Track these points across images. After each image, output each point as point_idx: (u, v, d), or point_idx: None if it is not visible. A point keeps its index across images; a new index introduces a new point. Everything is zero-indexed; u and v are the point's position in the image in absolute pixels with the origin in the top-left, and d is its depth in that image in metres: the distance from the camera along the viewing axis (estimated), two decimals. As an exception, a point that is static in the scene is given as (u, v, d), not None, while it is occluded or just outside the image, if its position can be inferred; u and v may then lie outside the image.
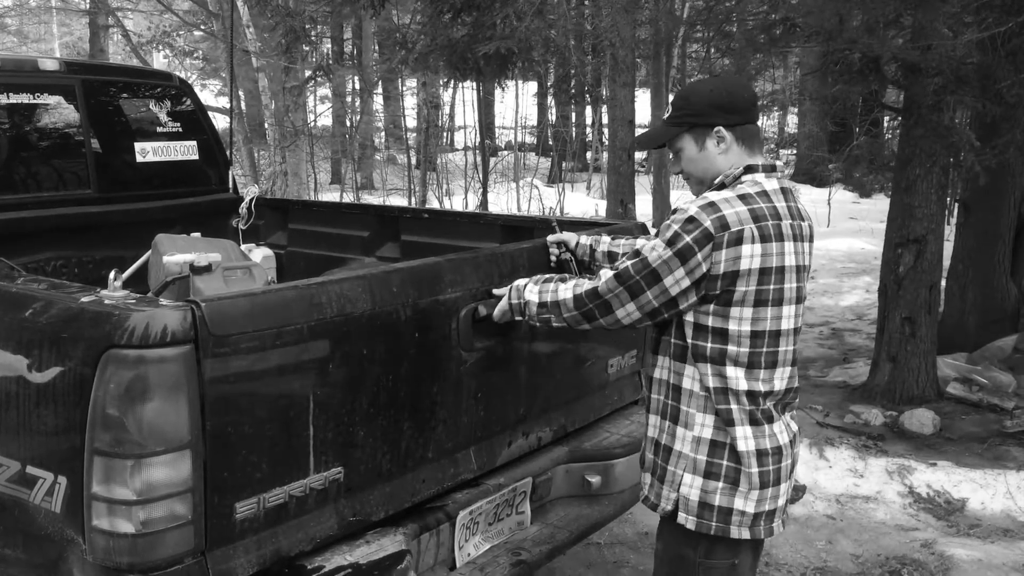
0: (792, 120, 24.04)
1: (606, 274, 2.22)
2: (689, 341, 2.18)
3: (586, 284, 2.26)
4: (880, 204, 12.34)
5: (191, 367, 1.94)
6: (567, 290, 2.29)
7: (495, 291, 2.60)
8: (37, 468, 2.04)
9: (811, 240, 2.30)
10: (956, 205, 7.77)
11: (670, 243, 2.10)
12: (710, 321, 2.15)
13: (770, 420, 2.21)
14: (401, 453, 2.47)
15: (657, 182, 14.35)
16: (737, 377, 2.16)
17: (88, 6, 18.58)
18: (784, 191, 2.24)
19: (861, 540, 4.21)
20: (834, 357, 7.24)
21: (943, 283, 6.57)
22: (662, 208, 10.90)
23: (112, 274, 2.23)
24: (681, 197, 16.44)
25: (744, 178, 2.20)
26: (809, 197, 14.71)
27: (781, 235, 2.14)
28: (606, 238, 2.86)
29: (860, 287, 9.73)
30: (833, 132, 16.53)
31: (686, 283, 2.10)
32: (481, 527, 2.77)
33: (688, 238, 2.07)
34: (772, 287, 2.13)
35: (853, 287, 9.79)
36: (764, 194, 2.17)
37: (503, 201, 14.60)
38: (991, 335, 6.68)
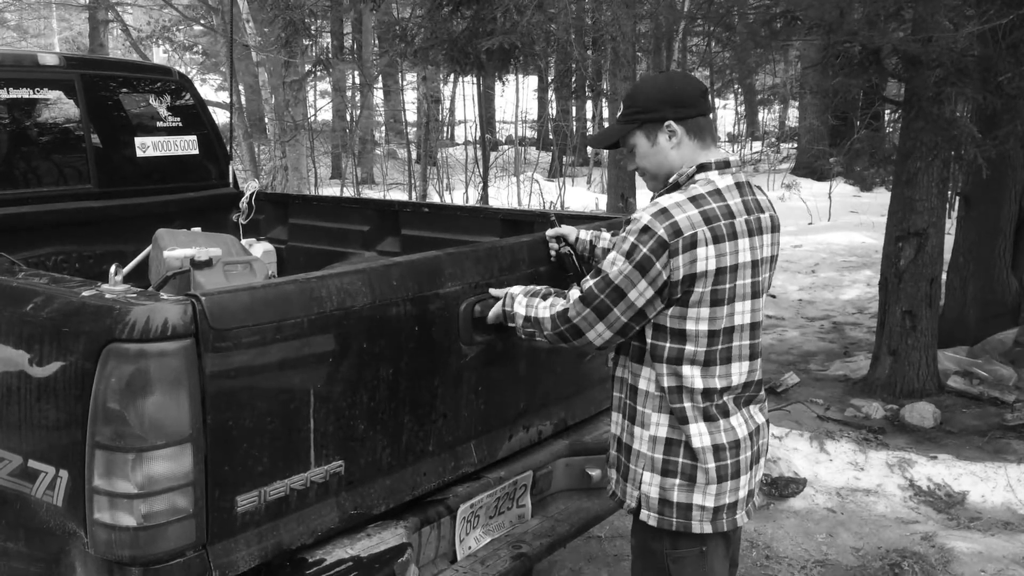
0: (793, 114, 24.03)
1: (574, 294, 2.24)
2: (648, 342, 2.22)
3: (559, 304, 2.28)
4: (881, 198, 12.34)
5: (192, 361, 1.94)
6: (545, 309, 2.32)
7: (492, 291, 2.60)
8: (39, 462, 2.04)
9: (774, 230, 2.31)
10: (957, 198, 7.77)
11: (628, 256, 2.13)
12: (668, 322, 2.18)
13: (726, 415, 2.24)
14: (402, 447, 2.48)
15: (658, 176, 14.34)
16: (693, 376, 2.20)
17: (88, 1, 18.56)
18: (739, 186, 2.26)
19: (862, 533, 4.21)
20: (835, 351, 7.25)
21: (944, 276, 6.57)
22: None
23: (113, 268, 2.23)
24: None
25: (697, 177, 2.22)
26: (810, 191, 14.72)
27: (734, 234, 2.17)
28: (606, 234, 2.86)
29: (861, 281, 9.73)
30: (834, 126, 16.53)
31: (650, 293, 2.13)
32: (482, 520, 2.77)
33: (645, 248, 2.11)
34: (727, 286, 2.17)
35: (854, 281, 9.79)
36: (717, 193, 2.19)
37: (503, 195, 14.60)
38: (992, 328, 6.69)
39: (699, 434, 2.21)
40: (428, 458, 2.58)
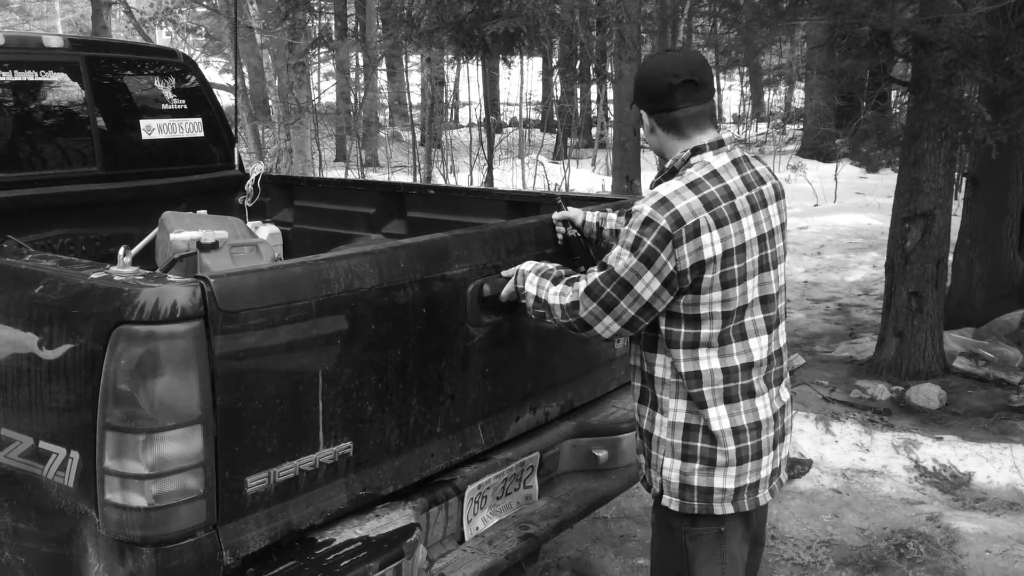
0: (799, 95, 23.90)
1: (581, 286, 2.25)
2: (663, 328, 2.22)
3: (568, 294, 2.28)
4: (887, 179, 12.30)
5: (201, 343, 1.94)
6: (556, 295, 2.32)
7: (504, 272, 2.61)
8: (50, 443, 2.05)
9: (778, 198, 2.33)
10: (964, 179, 7.73)
11: (633, 249, 2.14)
12: (682, 309, 2.19)
13: (750, 395, 2.25)
14: (410, 428, 2.49)
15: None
16: (710, 357, 2.21)
17: (90, -17, 18.45)
18: (736, 163, 2.25)
19: (867, 514, 4.23)
20: (840, 332, 7.25)
21: (950, 258, 6.55)
22: (668, 184, 10.84)
23: (121, 251, 2.23)
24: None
25: (692, 160, 2.23)
26: (816, 172, 14.67)
27: (736, 214, 2.17)
28: (612, 215, 2.85)
29: (867, 262, 9.71)
30: (840, 107, 16.42)
31: (656, 285, 2.13)
32: (489, 501, 2.79)
33: (649, 241, 2.11)
34: (736, 266, 2.17)
35: (860, 262, 9.77)
36: (714, 175, 2.19)
37: (508, 178, 14.56)
38: (998, 310, 6.67)
39: (718, 417, 2.22)
40: (436, 439, 2.59)
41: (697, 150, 2.23)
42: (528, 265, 2.48)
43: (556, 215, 2.92)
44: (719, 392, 2.22)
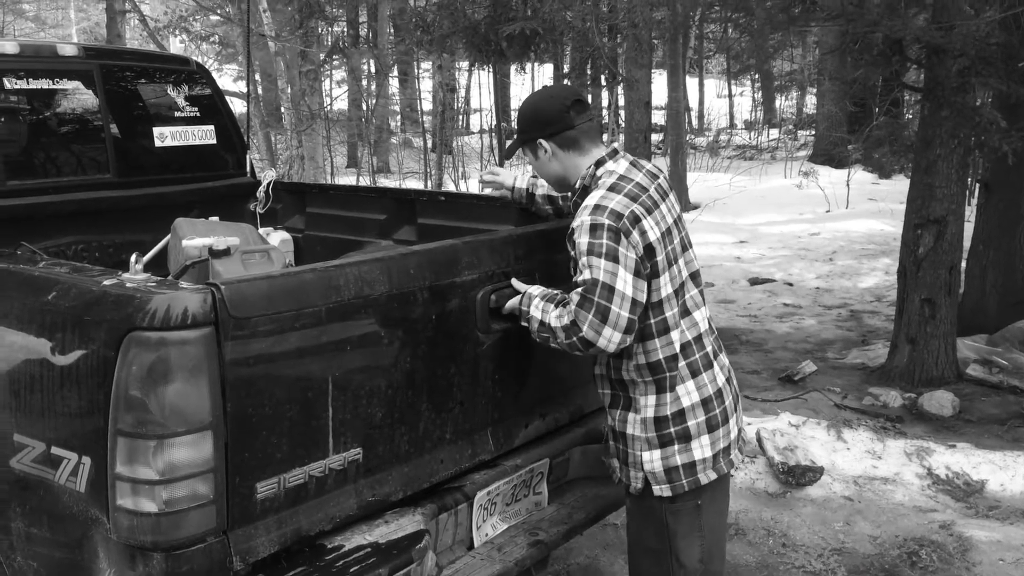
0: (811, 100, 23.83)
1: (573, 303, 2.31)
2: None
3: (565, 315, 2.35)
4: (900, 185, 12.25)
5: (212, 349, 1.96)
6: (557, 318, 2.38)
7: (514, 282, 2.63)
8: (62, 449, 2.07)
9: (671, 190, 2.54)
10: (977, 185, 7.70)
11: (593, 254, 2.26)
12: (649, 298, 2.34)
13: (708, 366, 2.46)
14: (419, 434, 2.49)
15: (674, 164, 14.29)
16: (678, 339, 2.40)
17: (105, -9, 18.61)
18: (634, 164, 2.48)
19: (879, 522, 4.20)
20: (852, 339, 7.21)
21: (963, 264, 6.52)
22: (678, 189, 10.86)
23: (133, 257, 2.25)
24: (698, 179, 16.33)
25: (599, 172, 2.43)
26: (828, 178, 14.62)
27: (655, 203, 2.39)
28: (542, 180, 2.92)
29: (879, 268, 9.67)
30: (852, 112, 16.38)
31: (630, 277, 2.27)
32: (499, 508, 2.79)
33: (604, 240, 2.26)
34: (668, 248, 2.38)
35: (872, 268, 9.73)
36: (623, 177, 2.40)
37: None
38: (1012, 316, 6.63)
39: (687, 392, 2.41)
40: (445, 446, 2.59)
41: (599, 163, 2.45)
42: (536, 289, 2.53)
43: (485, 175, 3.04)
44: (686, 368, 2.41)
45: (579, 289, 2.30)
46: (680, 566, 2.50)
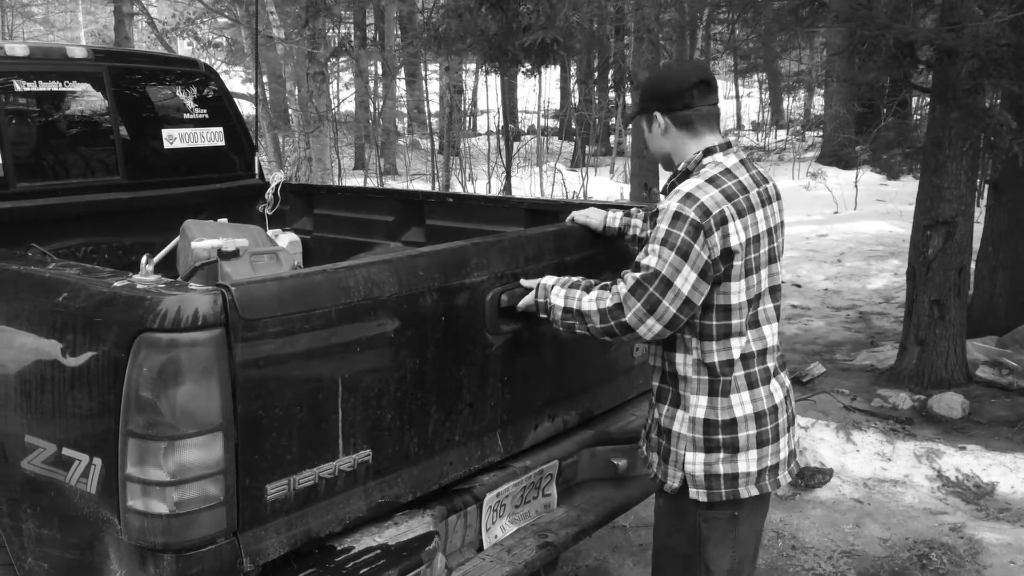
0: (818, 101, 23.79)
1: (621, 289, 2.25)
2: (697, 322, 2.29)
3: (608, 299, 2.28)
4: (908, 186, 12.19)
5: (222, 350, 1.96)
6: (591, 301, 2.31)
7: (523, 281, 2.61)
8: (72, 450, 2.07)
9: (778, 198, 2.44)
10: (986, 186, 7.66)
11: (667, 244, 2.20)
12: (716, 300, 2.27)
13: (767, 380, 2.36)
14: (428, 436, 2.49)
15: (681, 165, 14.23)
16: (739, 346, 2.31)
17: (113, -6, 18.66)
18: (743, 162, 2.38)
19: (889, 524, 4.19)
20: (861, 340, 7.19)
21: (972, 265, 6.49)
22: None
23: (144, 259, 2.25)
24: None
25: (705, 161, 2.33)
26: (836, 180, 14.57)
27: (752, 206, 2.29)
28: (637, 220, 2.88)
29: (888, 270, 9.64)
30: (860, 113, 16.33)
31: (694, 278, 2.20)
32: (508, 509, 2.78)
33: (682, 234, 2.19)
34: (754, 255, 2.29)
35: (881, 270, 9.70)
36: (728, 172, 2.30)
37: (526, 185, 14.56)
38: (1021, 318, 6.60)
39: (741, 403, 2.32)
40: (454, 447, 2.59)
41: (709, 151, 2.34)
42: (550, 279, 2.47)
43: (579, 216, 2.95)
44: (743, 379, 2.32)
45: (637, 274, 2.22)
46: (708, 572, 2.41)
